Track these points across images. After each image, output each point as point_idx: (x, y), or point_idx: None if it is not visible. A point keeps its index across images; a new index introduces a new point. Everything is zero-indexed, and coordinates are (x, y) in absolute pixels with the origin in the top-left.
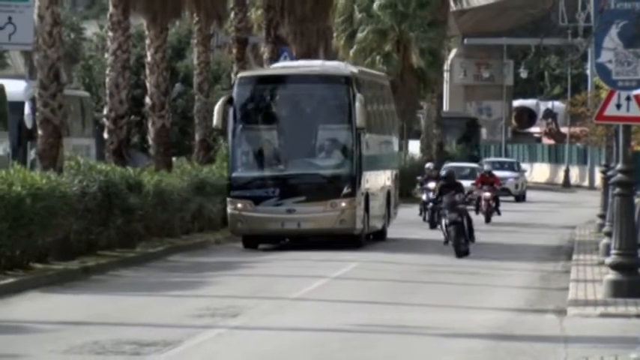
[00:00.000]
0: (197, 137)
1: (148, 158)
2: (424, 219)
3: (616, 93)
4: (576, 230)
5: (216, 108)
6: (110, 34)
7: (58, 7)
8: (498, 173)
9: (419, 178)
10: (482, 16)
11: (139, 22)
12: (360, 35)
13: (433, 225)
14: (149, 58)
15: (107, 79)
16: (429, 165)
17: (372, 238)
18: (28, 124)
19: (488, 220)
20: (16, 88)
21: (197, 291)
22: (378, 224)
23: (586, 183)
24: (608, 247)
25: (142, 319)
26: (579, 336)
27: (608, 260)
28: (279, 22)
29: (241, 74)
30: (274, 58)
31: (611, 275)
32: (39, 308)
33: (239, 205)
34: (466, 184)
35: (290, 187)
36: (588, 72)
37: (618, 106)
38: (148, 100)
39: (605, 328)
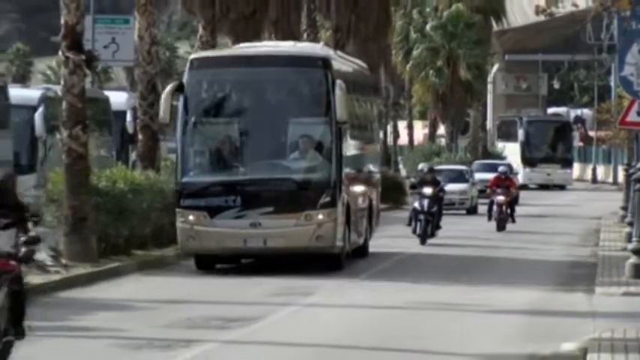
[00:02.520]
0: None
1: None
2: (413, 231)
3: (637, 102)
4: (601, 220)
5: (163, 97)
6: None
7: (155, 29)
8: (481, 176)
9: (412, 180)
10: (521, 35)
11: (224, 41)
12: (415, 52)
13: (424, 240)
14: None
15: None
16: (422, 166)
17: (352, 255)
18: (130, 130)
19: (500, 228)
20: (119, 99)
21: (274, 273)
22: (359, 238)
23: (610, 180)
24: (630, 235)
25: (227, 298)
26: (605, 312)
27: (630, 246)
28: (346, 42)
29: (194, 55)
30: None
31: (633, 259)
32: (139, 289)
33: (191, 218)
34: (457, 187)
35: (254, 196)
36: (612, 84)
37: (639, 113)
38: None
39: (628, 305)
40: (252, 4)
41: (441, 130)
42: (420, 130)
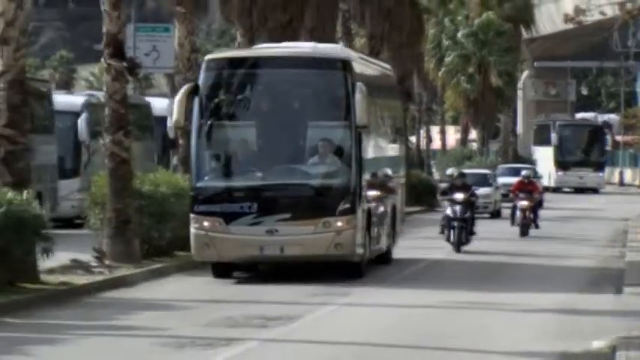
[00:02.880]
0: None
1: None
2: (447, 239)
3: None
4: (629, 222)
5: (177, 99)
6: None
7: (195, 37)
8: (505, 180)
9: (441, 186)
10: (550, 43)
11: None
12: (447, 59)
13: (458, 247)
14: None
15: None
16: (451, 171)
17: (374, 262)
18: (171, 135)
19: (524, 233)
20: (160, 105)
21: (294, 281)
22: (382, 245)
23: (637, 182)
24: None
25: (267, 297)
26: (634, 310)
27: None
28: (380, 49)
29: (209, 56)
30: None
31: None
32: (182, 289)
33: (205, 224)
34: (481, 191)
35: (271, 202)
36: (638, 89)
37: None
38: None
39: None
40: (289, 12)
41: (473, 134)
42: (453, 135)
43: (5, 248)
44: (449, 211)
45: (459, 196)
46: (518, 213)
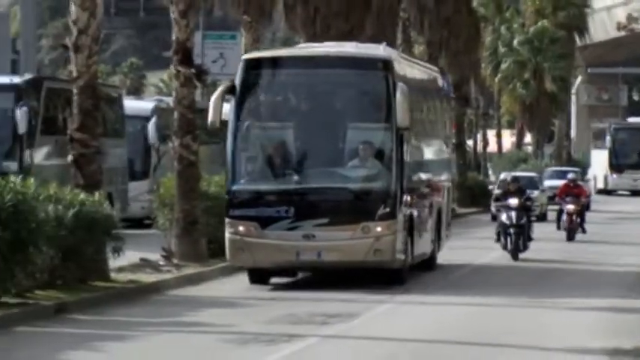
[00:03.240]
0: None
1: None
2: (504, 247)
3: None
4: None
5: (213, 99)
6: None
7: (260, 45)
8: (551, 182)
9: (496, 192)
10: (602, 50)
11: None
12: (503, 66)
13: (516, 255)
14: None
15: None
16: (505, 176)
17: (417, 268)
18: None
19: (570, 237)
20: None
21: (335, 287)
22: (425, 250)
23: None
24: None
25: (327, 295)
26: None
27: None
28: (438, 56)
29: (247, 56)
30: None
31: None
32: (245, 287)
33: (241, 229)
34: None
35: (308, 206)
36: None
37: None
38: None
39: None
40: (351, 21)
41: (528, 138)
42: (508, 139)
43: (77, 247)
44: (504, 218)
45: (514, 201)
46: (564, 217)
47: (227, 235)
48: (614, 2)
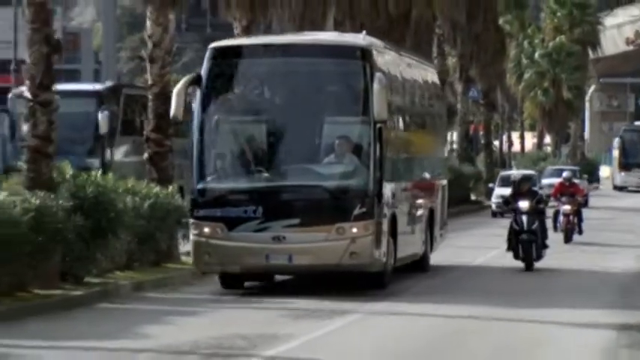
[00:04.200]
0: None
1: None
2: (516, 256)
3: None
4: None
5: (176, 91)
6: None
7: None
8: (550, 181)
9: (496, 190)
10: (612, 62)
11: None
12: (525, 76)
13: (530, 265)
14: None
15: None
16: (513, 175)
17: (409, 268)
18: None
19: (568, 239)
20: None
21: (313, 293)
22: (415, 251)
23: None
24: None
25: (290, 303)
26: None
27: None
28: (469, 67)
29: (214, 44)
30: (465, 92)
31: None
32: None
33: (206, 230)
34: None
35: (278, 205)
36: None
37: None
38: None
39: None
40: (392, 36)
41: (547, 139)
42: (530, 140)
43: (152, 234)
44: (514, 223)
45: (524, 204)
46: (561, 218)
47: (191, 237)
48: (624, 20)
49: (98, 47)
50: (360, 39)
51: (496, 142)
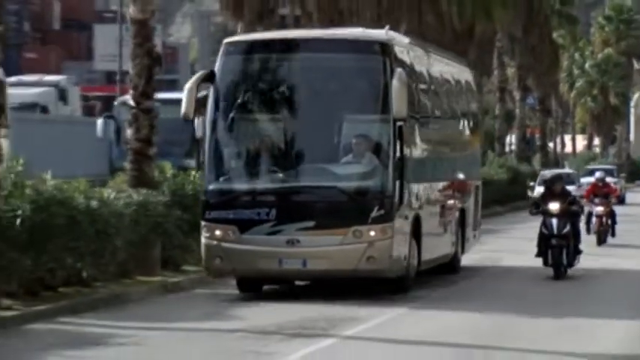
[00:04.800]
0: None
1: None
2: (545, 262)
3: None
4: None
5: (187, 87)
6: None
7: None
8: (588, 179)
9: (532, 196)
10: None
11: None
12: (577, 84)
13: (559, 272)
14: None
15: None
16: (545, 173)
17: (438, 270)
18: None
19: (601, 241)
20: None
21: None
22: (445, 252)
23: None
24: None
25: (299, 311)
26: None
27: None
28: (526, 76)
29: (229, 39)
30: (523, 99)
31: None
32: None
33: (217, 233)
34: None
35: (292, 207)
36: None
37: None
38: None
39: None
40: (457, 49)
41: (596, 141)
42: (581, 142)
43: None
44: (544, 228)
45: (554, 206)
46: (594, 219)
47: (202, 240)
48: None
49: (194, 60)
50: (382, 34)
51: (550, 144)
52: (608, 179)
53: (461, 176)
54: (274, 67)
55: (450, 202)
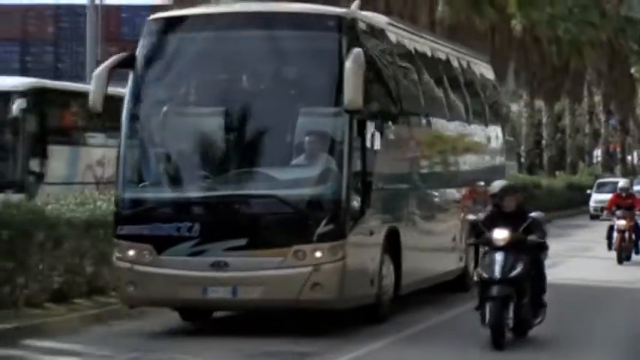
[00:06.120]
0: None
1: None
2: (484, 321)
3: None
4: None
5: (96, 74)
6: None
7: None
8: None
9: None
10: None
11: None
12: None
13: (498, 338)
14: (544, 120)
15: (523, 131)
16: (623, 184)
17: (445, 287)
18: None
19: (622, 259)
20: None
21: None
22: (450, 267)
23: None
24: None
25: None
26: None
27: None
28: (609, 102)
29: (153, 16)
30: (607, 120)
31: None
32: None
33: (130, 253)
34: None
35: (220, 221)
36: None
37: None
38: (543, 141)
39: None
40: (556, 80)
41: None
42: None
43: None
44: (480, 268)
45: (500, 234)
46: (615, 234)
47: (114, 261)
48: None
49: None
50: (343, 10)
51: (629, 157)
52: (637, 188)
53: (472, 183)
54: (208, 49)
55: (455, 211)
